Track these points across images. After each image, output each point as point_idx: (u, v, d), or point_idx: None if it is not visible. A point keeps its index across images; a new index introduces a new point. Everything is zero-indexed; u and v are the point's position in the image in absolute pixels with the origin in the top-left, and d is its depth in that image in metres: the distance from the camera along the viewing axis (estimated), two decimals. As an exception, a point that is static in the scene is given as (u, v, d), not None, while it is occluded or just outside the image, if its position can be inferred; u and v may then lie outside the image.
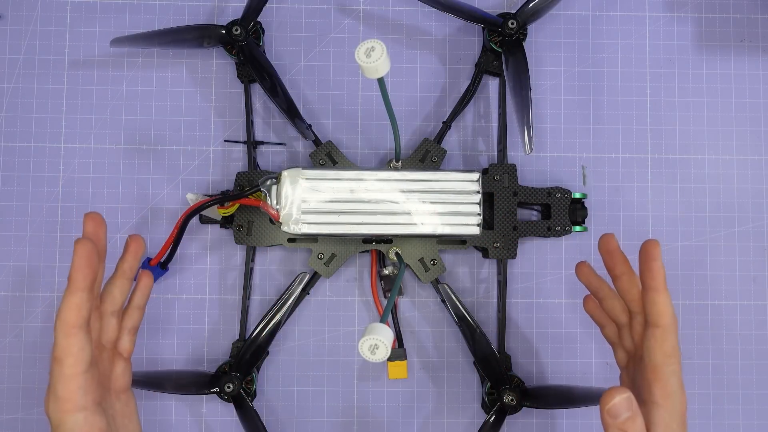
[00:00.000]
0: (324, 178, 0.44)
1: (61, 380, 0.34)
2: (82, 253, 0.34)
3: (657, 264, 0.37)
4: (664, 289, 0.37)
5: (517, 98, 0.45)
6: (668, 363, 0.36)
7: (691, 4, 0.51)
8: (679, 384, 0.36)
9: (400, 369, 0.48)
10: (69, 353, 0.34)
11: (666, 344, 0.36)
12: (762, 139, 0.50)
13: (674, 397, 0.35)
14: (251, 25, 0.47)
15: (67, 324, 0.34)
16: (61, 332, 0.34)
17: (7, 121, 0.49)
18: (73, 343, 0.34)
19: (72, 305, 0.34)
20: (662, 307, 0.37)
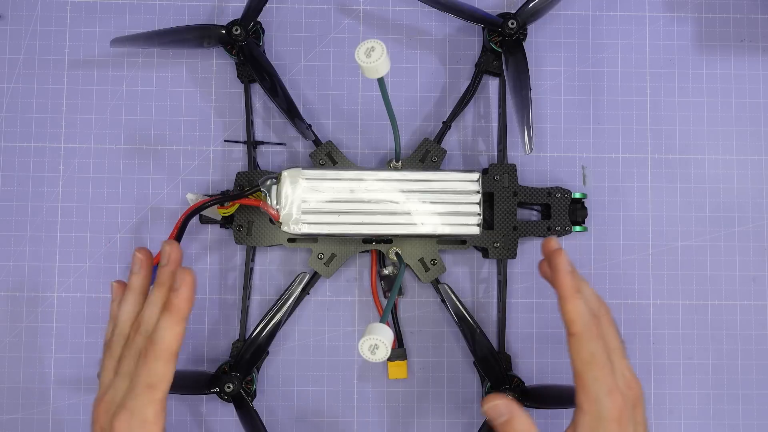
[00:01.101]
0: (324, 178, 0.44)
1: (154, 405, 0.36)
2: (189, 283, 0.37)
3: (560, 274, 0.38)
4: (571, 297, 0.37)
5: (517, 98, 0.45)
6: (587, 370, 0.36)
7: (691, 4, 0.51)
8: (606, 390, 0.35)
9: (400, 369, 0.48)
10: (166, 380, 0.36)
11: (582, 351, 0.36)
12: (762, 139, 0.50)
13: (599, 403, 0.35)
14: (251, 25, 0.47)
15: (171, 351, 0.36)
16: (162, 359, 0.36)
17: (7, 121, 0.49)
18: (171, 369, 0.36)
19: (177, 334, 0.36)
20: (570, 315, 0.37)
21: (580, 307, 0.37)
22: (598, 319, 0.38)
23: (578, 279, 0.38)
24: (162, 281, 0.39)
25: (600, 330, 0.37)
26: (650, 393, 0.49)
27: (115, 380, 0.37)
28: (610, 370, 0.36)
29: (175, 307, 0.37)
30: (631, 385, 0.37)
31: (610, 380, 0.36)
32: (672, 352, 0.49)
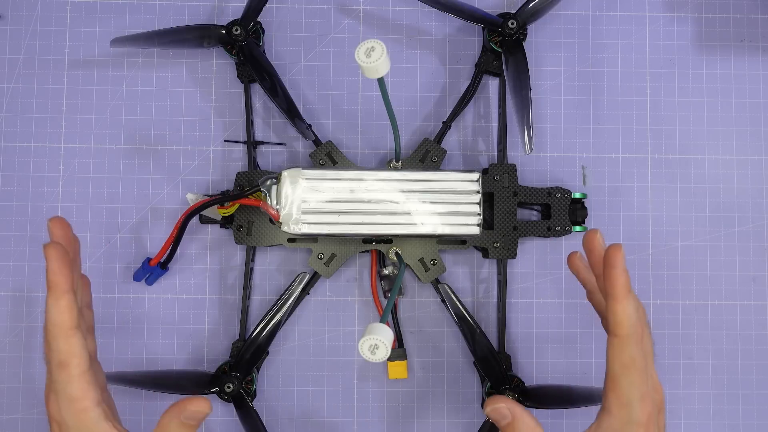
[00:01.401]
0: (324, 178, 0.44)
1: (72, 382, 0.34)
2: (55, 256, 0.34)
3: (616, 271, 0.36)
4: (623, 297, 0.35)
5: (517, 98, 0.45)
6: (625, 374, 0.35)
7: (691, 4, 0.51)
8: (639, 395, 0.35)
9: (400, 369, 0.48)
10: (73, 354, 0.34)
11: (624, 355, 0.35)
12: (762, 139, 0.50)
13: (630, 408, 0.35)
14: (251, 25, 0.47)
15: (65, 327, 0.34)
16: (60, 336, 0.34)
17: (7, 121, 0.49)
18: (75, 343, 0.34)
19: (63, 308, 0.34)
20: (620, 317, 0.35)
21: (630, 309, 0.36)
22: (642, 323, 0.36)
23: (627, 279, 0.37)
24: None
25: (642, 335, 0.36)
26: (650, 393, 0.49)
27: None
28: (645, 376, 0.35)
29: (51, 284, 0.34)
30: (658, 389, 0.37)
31: (644, 386, 0.35)
32: (672, 352, 0.49)
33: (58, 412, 0.34)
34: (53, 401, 0.34)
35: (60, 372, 0.34)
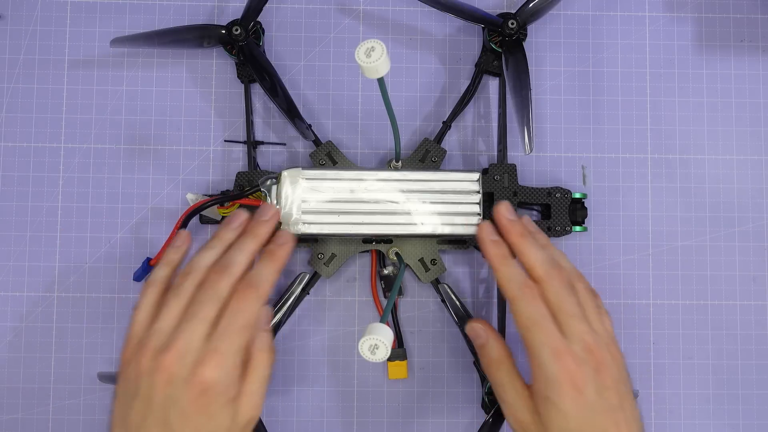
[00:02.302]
0: (324, 178, 0.44)
1: (242, 351, 0.36)
2: (290, 239, 0.40)
3: (484, 246, 0.40)
4: (498, 267, 0.38)
5: (517, 98, 0.45)
6: (528, 334, 0.36)
7: (691, 4, 0.51)
8: (551, 352, 0.35)
9: (400, 369, 0.48)
10: (261, 323, 0.38)
11: (519, 316, 0.37)
12: (762, 139, 0.50)
13: (544, 367, 0.35)
14: (251, 25, 0.47)
15: (266, 297, 0.37)
16: (261, 301, 0.36)
17: (7, 121, 0.49)
18: (263, 315, 0.38)
19: (274, 281, 0.38)
20: (500, 284, 0.38)
21: (509, 273, 0.38)
22: (549, 282, 0.37)
23: (519, 233, 0.40)
24: (257, 233, 0.39)
25: (537, 292, 0.37)
26: (650, 393, 0.49)
27: (187, 324, 0.35)
28: (553, 333, 0.36)
29: (277, 257, 0.38)
30: (591, 348, 0.36)
31: (556, 343, 0.36)
32: (672, 352, 0.49)
33: (217, 376, 0.34)
34: (216, 363, 0.34)
35: (241, 334, 0.35)
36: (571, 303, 0.37)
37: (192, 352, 0.34)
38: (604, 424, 0.35)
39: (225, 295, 0.36)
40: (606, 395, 0.35)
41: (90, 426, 0.48)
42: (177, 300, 0.36)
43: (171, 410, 0.33)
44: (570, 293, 0.38)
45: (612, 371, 0.36)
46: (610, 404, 0.35)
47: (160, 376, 0.34)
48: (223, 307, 0.36)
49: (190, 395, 0.33)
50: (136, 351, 0.35)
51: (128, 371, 0.35)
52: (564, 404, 0.35)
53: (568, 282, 0.38)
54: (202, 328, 0.35)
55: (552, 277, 0.38)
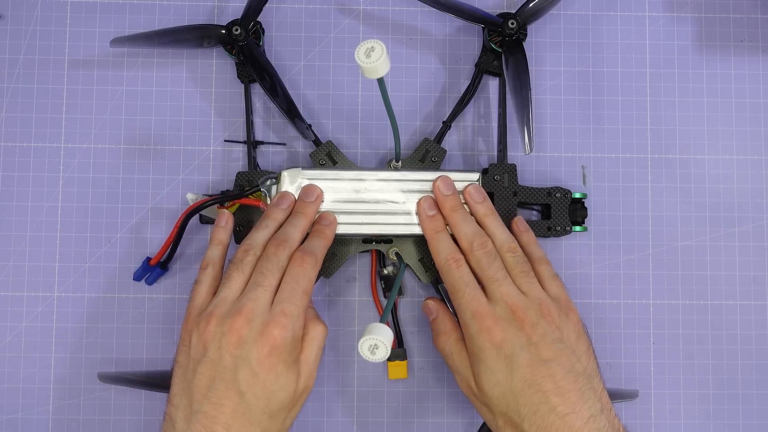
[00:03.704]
0: (324, 178, 0.44)
1: (304, 314, 0.39)
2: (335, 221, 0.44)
3: (420, 220, 0.44)
4: (430, 240, 0.43)
5: (517, 98, 0.45)
6: (453, 299, 0.41)
7: (691, 4, 0.51)
8: (470, 314, 0.39)
9: (400, 369, 0.48)
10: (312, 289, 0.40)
11: (445, 284, 0.42)
12: (762, 139, 0.50)
13: (467, 327, 0.40)
14: (251, 25, 0.47)
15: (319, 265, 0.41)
16: (317, 268, 0.40)
17: (7, 121, 0.49)
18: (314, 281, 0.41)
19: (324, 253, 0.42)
20: (432, 254, 0.43)
21: (438, 246, 0.43)
22: (467, 253, 0.42)
23: (451, 208, 0.43)
24: (306, 212, 0.43)
25: (462, 262, 0.41)
26: (650, 393, 0.49)
27: (253, 292, 0.38)
28: (475, 297, 0.40)
29: (325, 235, 0.42)
30: (513, 308, 0.39)
31: (476, 305, 0.39)
32: (672, 352, 0.49)
33: (284, 335, 0.37)
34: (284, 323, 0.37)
35: (304, 298, 0.38)
36: (493, 269, 0.41)
37: (259, 315, 0.37)
38: (534, 376, 0.37)
39: (285, 265, 0.39)
40: (532, 350, 0.38)
41: (90, 426, 0.48)
42: (239, 272, 0.39)
43: (240, 370, 0.36)
44: (492, 261, 0.41)
45: (539, 328, 0.39)
46: (540, 358, 0.37)
47: (229, 338, 0.36)
48: (282, 276, 0.39)
49: (260, 354, 0.36)
50: (200, 321, 0.38)
51: (192, 340, 0.38)
52: (487, 359, 0.38)
53: (491, 251, 0.42)
54: (266, 295, 0.38)
55: (475, 247, 0.41)
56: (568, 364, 0.38)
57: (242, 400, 0.36)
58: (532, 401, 0.37)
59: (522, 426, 0.37)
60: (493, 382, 0.38)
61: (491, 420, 0.40)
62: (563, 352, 0.38)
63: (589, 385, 0.38)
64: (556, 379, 0.37)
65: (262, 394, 0.36)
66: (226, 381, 0.36)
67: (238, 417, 0.36)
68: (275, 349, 0.36)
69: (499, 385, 0.38)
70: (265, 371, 0.36)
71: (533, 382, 0.37)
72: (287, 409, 0.38)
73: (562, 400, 0.36)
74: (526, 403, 0.37)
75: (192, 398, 0.36)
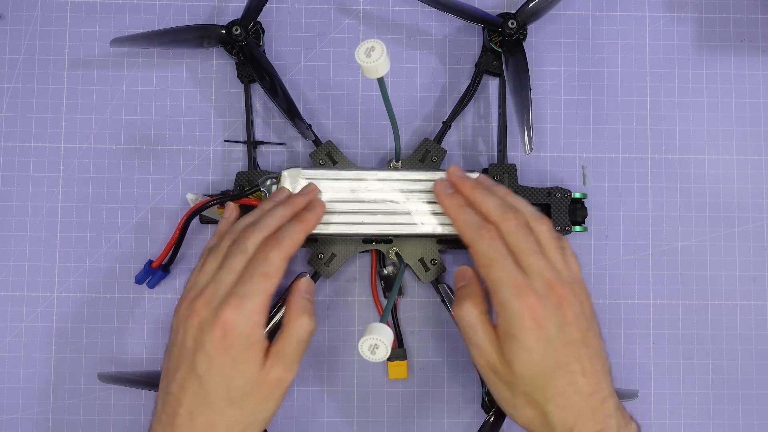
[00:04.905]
0: (324, 178, 0.44)
1: (261, 295, 0.36)
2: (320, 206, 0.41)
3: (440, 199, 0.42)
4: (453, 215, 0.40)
5: (517, 98, 0.45)
6: (487, 273, 0.37)
7: (691, 4, 0.51)
8: (512, 290, 0.36)
9: (400, 369, 0.48)
10: (278, 275, 0.37)
11: (478, 257, 0.38)
12: (762, 139, 0.50)
13: (506, 304, 0.36)
14: (251, 25, 0.47)
15: (289, 252, 0.38)
16: (283, 253, 0.37)
17: (7, 121, 0.49)
18: (283, 269, 0.38)
19: (298, 241, 0.39)
20: (458, 230, 0.40)
21: (466, 218, 0.39)
22: (505, 224, 0.38)
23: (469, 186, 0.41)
24: (291, 202, 0.41)
25: (495, 233, 0.38)
26: (650, 393, 0.49)
27: (217, 275, 0.37)
28: (513, 271, 0.36)
29: (305, 219, 0.40)
30: (552, 284, 0.37)
31: (516, 280, 0.36)
32: (672, 352, 0.49)
33: (235, 318, 0.35)
34: (235, 303, 0.35)
35: (261, 280, 0.36)
36: (529, 241, 0.38)
37: (218, 297, 0.36)
38: (565, 358, 0.36)
39: (252, 249, 0.38)
40: (567, 330, 0.36)
41: (90, 426, 0.48)
42: (214, 257, 0.39)
43: (198, 353, 0.36)
44: (527, 233, 0.38)
45: (574, 308, 0.37)
46: (572, 339, 0.36)
47: (192, 321, 0.36)
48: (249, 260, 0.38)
49: (214, 337, 0.35)
50: (178, 305, 0.39)
51: (172, 324, 0.39)
52: (526, 339, 0.35)
53: (524, 222, 0.39)
54: (230, 277, 0.37)
55: (507, 219, 0.38)
56: (593, 345, 0.37)
57: (201, 384, 0.35)
58: (561, 383, 0.36)
59: (546, 407, 0.36)
60: (527, 363, 0.36)
61: (509, 399, 0.38)
62: (589, 333, 0.37)
63: (604, 366, 0.37)
64: (583, 361, 0.36)
65: (218, 379, 0.35)
66: (188, 364, 0.36)
67: (199, 402, 0.35)
68: (228, 332, 0.35)
69: (534, 365, 0.36)
70: (220, 355, 0.35)
71: (564, 363, 0.36)
72: (252, 398, 0.36)
73: (587, 381, 0.36)
74: (555, 384, 0.36)
75: (167, 379, 0.37)
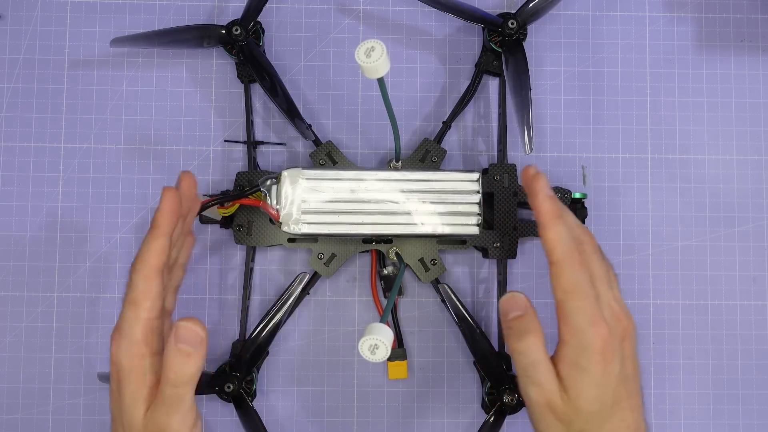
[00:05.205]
0: (324, 178, 0.44)
1: (138, 324, 0.33)
2: (169, 198, 0.35)
3: (538, 199, 0.36)
4: (551, 224, 0.35)
5: (517, 98, 0.45)
6: (567, 299, 0.34)
7: (691, 4, 0.51)
8: (589, 320, 0.34)
9: (400, 369, 0.48)
10: (147, 297, 0.34)
11: (563, 280, 0.35)
12: (762, 139, 0.50)
13: (581, 334, 0.34)
14: (251, 25, 0.47)
15: (150, 267, 0.34)
16: (141, 275, 0.34)
17: (7, 121, 0.49)
18: (153, 286, 0.34)
19: (156, 248, 0.34)
20: (550, 243, 0.35)
21: (561, 233, 0.35)
22: (582, 247, 0.36)
23: (559, 205, 0.37)
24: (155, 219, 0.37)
25: (583, 258, 0.36)
26: (650, 393, 0.49)
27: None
28: (593, 301, 0.35)
29: (154, 223, 0.35)
30: (619, 317, 0.36)
31: (594, 310, 0.34)
32: (672, 352, 0.49)
33: (117, 351, 0.33)
34: (116, 339, 0.34)
35: (129, 310, 0.34)
36: (602, 269, 0.37)
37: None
38: (621, 393, 0.35)
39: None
40: (626, 364, 0.35)
41: (90, 426, 0.48)
42: None
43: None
44: (602, 259, 0.37)
45: (632, 341, 0.36)
46: (627, 374, 0.36)
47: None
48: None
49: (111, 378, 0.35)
50: None
51: None
52: (594, 371, 0.34)
53: (598, 248, 0.38)
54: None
55: (585, 242, 0.37)
56: (637, 379, 0.37)
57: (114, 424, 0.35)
58: (616, 419, 0.35)
59: None
60: (592, 398, 0.34)
61: None
62: (636, 368, 0.37)
63: (642, 398, 0.37)
64: (633, 397, 0.36)
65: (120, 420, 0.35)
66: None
67: None
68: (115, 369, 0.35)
69: (598, 400, 0.34)
70: (112, 398, 0.35)
71: (621, 399, 0.35)
72: None
73: (634, 417, 0.35)
74: (612, 420, 0.35)
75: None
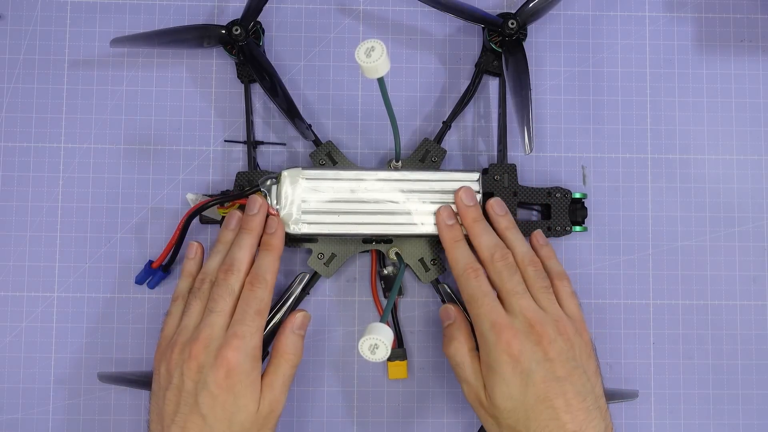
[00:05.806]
0: (324, 178, 0.44)
1: (259, 333, 0.40)
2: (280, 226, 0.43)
3: (439, 228, 0.44)
4: (448, 248, 0.43)
5: (517, 98, 0.45)
6: (469, 308, 0.41)
7: (691, 4, 0.51)
8: (489, 325, 0.39)
9: (400, 369, 0.48)
10: (268, 308, 0.41)
11: (463, 292, 0.42)
12: (762, 139, 0.50)
13: (483, 337, 0.40)
14: (251, 25, 0.47)
15: (272, 284, 0.42)
16: (267, 289, 0.41)
17: (7, 121, 0.49)
18: (270, 301, 0.42)
19: (276, 270, 0.42)
20: (451, 264, 0.43)
21: (457, 254, 0.42)
22: (486, 265, 0.42)
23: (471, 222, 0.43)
24: (250, 227, 0.43)
25: (481, 272, 0.41)
26: (650, 393, 0.49)
27: (208, 318, 0.40)
28: (494, 308, 0.40)
29: (272, 246, 0.42)
30: (532, 323, 0.39)
31: (495, 316, 0.39)
32: (672, 352, 0.49)
33: (237, 357, 0.38)
34: (236, 345, 0.38)
35: (256, 318, 0.40)
36: (513, 282, 0.41)
37: (215, 339, 0.39)
38: (547, 393, 0.37)
39: (237, 289, 0.41)
40: (547, 366, 0.38)
41: (90, 426, 0.48)
42: (198, 300, 0.41)
43: (201, 394, 0.38)
44: (512, 274, 0.41)
45: (556, 345, 0.39)
46: (554, 375, 0.38)
47: (189, 364, 0.38)
48: (236, 300, 0.41)
49: (217, 377, 0.38)
50: (166, 350, 0.40)
51: (160, 369, 0.40)
52: (504, 372, 0.38)
53: (511, 264, 0.42)
54: (220, 319, 0.40)
55: (496, 259, 0.42)
56: (579, 383, 0.38)
57: (205, 422, 0.38)
58: (543, 417, 0.37)
59: None
60: (506, 395, 0.38)
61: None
62: (576, 371, 0.39)
63: (596, 404, 0.38)
64: (568, 397, 0.37)
65: (223, 415, 0.38)
66: (190, 405, 0.38)
67: None
68: (231, 371, 0.38)
69: (512, 398, 0.38)
70: (224, 393, 0.38)
71: (546, 398, 0.37)
72: (251, 431, 0.39)
73: (572, 417, 0.37)
74: (537, 418, 0.37)
75: (163, 423, 0.39)
